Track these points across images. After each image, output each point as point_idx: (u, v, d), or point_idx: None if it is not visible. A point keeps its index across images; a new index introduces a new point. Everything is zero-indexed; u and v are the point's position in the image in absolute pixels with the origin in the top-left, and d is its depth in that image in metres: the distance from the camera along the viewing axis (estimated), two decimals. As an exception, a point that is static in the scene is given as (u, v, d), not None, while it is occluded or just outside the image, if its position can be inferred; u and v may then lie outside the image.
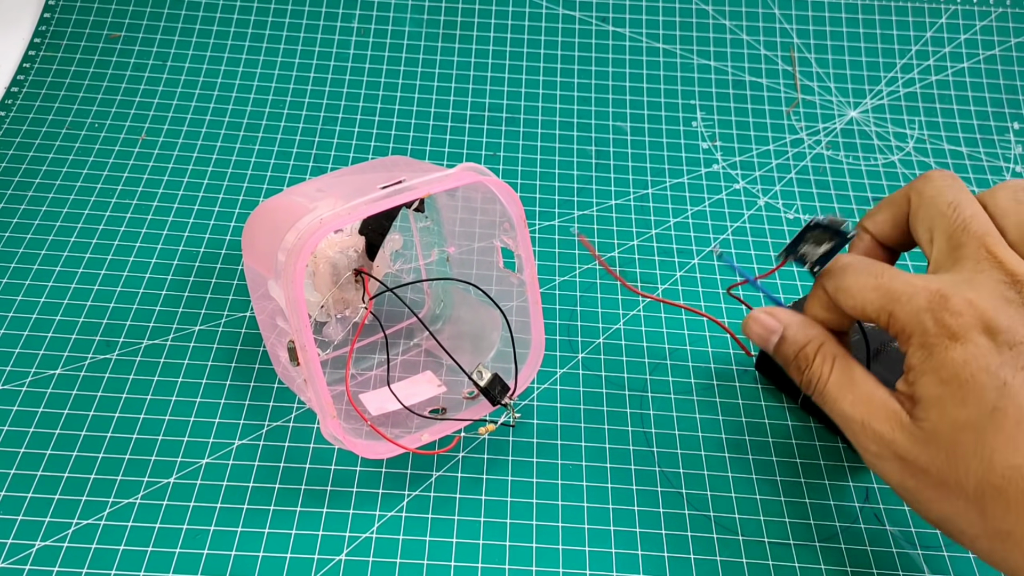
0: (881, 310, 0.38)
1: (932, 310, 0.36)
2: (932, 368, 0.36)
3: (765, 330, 0.44)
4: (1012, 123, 0.72)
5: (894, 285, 0.38)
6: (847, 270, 0.40)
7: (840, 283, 0.40)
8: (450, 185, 0.44)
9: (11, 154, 0.64)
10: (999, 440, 0.34)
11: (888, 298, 0.38)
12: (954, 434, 0.35)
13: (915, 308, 0.37)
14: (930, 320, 0.36)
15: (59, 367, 0.52)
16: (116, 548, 0.45)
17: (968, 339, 0.35)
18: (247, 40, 0.73)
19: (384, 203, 0.42)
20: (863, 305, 0.39)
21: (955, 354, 0.35)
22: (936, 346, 0.36)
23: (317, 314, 0.49)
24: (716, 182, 0.67)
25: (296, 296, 0.41)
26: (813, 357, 0.41)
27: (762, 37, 0.76)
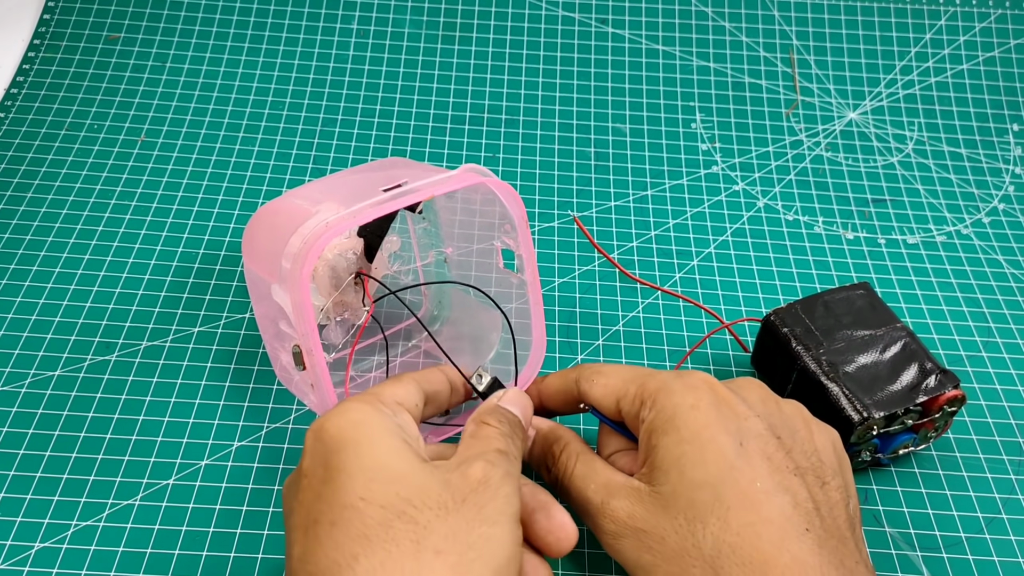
0: (632, 385, 0.40)
1: (680, 377, 0.39)
2: (675, 428, 0.37)
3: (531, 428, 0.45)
4: (1011, 124, 0.72)
5: (648, 370, 0.42)
6: (606, 364, 0.44)
7: (599, 368, 0.43)
8: (453, 187, 0.44)
9: (10, 155, 0.64)
10: (734, 496, 0.35)
11: (641, 377, 0.40)
12: (692, 493, 0.35)
13: (665, 379, 0.39)
14: (677, 384, 0.38)
15: (58, 368, 0.52)
16: (115, 550, 0.45)
17: (705, 405, 0.38)
18: (246, 41, 0.73)
19: (388, 206, 0.42)
20: (616, 384, 0.41)
21: (698, 416, 0.37)
22: (679, 406, 0.38)
23: (317, 317, 0.49)
24: (715, 183, 0.67)
25: (303, 301, 0.41)
26: (559, 455, 0.42)
27: (761, 39, 0.76)
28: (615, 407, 0.41)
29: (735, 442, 0.36)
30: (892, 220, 0.65)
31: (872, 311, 0.51)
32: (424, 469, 0.35)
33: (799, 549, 0.34)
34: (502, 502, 0.34)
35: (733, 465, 0.36)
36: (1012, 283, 0.62)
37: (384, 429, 0.36)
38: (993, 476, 0.51)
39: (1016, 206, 0.67)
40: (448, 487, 0.34)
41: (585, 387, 0.43)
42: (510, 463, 0.37)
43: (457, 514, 0.33)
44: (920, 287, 0.61)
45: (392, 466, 0.34)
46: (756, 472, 0.35)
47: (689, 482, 0.36)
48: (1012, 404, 0.55)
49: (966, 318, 0.59)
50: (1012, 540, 0.48)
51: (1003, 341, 0.58)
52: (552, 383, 0.45)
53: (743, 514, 0.34)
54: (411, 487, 0.34)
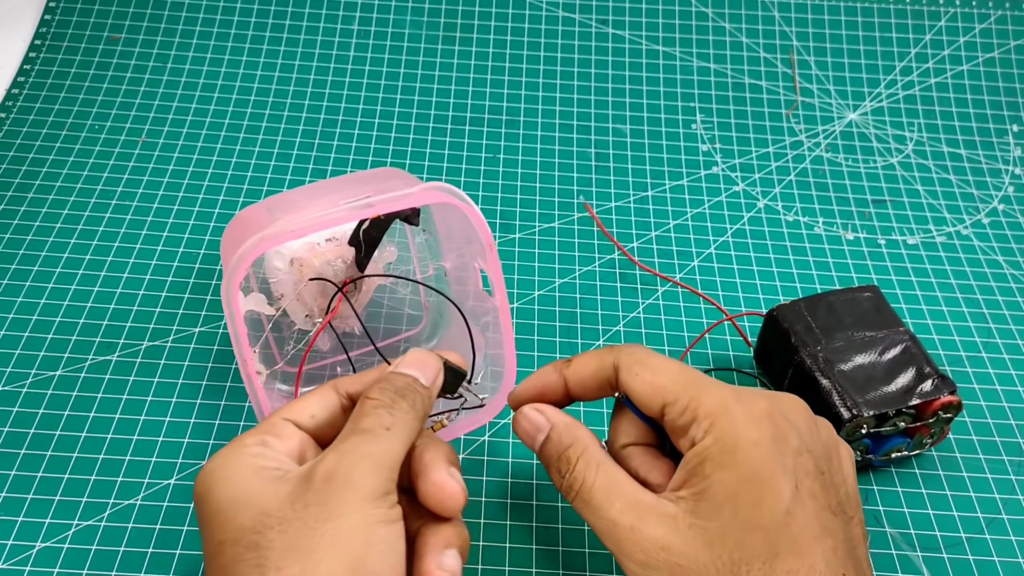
0: (683, 392, 0.37)
1: (741, 403, 0.36)
2: (735, 463, 0.35)
3: (532, 427, 0.41)
4: (1011, 125, 0.72)
5: (700, 375, 0.38)
6: (651, 352, 0.40)
7: (645, 359, 0.39)
8: (411, 204, 0.43)
9: (11, 155, 0.64)
10: (784, 542, 0.34)
11: (694, 383, 0.37)
12: (744, 535, 0.34)
13: (724, 398, 0.36)
14: (740, 412, 0.36)
15: (59, 368, 0.52)
16: (116, 549, 0.45)
17: (767, 441, 0.35)
18: (247, 42, 0.73)
19: (337, 220, 0.41)
20: (664, 383, 0.38)
21: (759, 453, 0.35)
22: (742, 440, 0.35)
23: (301, 323, 0.49)
24: (716, 184, 0.67)
25: (234, 312, 0.40)
26: (575, 461, 0.38)
27: (761, 40, 0.76)
28: (657, 410, 0.38)
29: (791, 484, 0.35)
30: (892, 221, 0.65)
31: (876, 313, 0.51)
32: (269, 488, 0.34)
33: None
34: (351, 491, 0.33)
35: (788, 510, 0.34)
36: (1012, 284, 0.62)
37: (235, 467, 0.35)
38: (993, 476, 0.51)
39: (1016, 207, 0.67)
40: (290, 496, 0.33)
41: (626, 378, 0.39)
42: (373, 440, 0.35)
43: (298, 521, 0.33)
44: (920, 288, 0.61)
45: (239, 500, 0.34)
46: (806, 516, 0.34)
47: (743, 523, 0.34)
48: (1012, 405, 0.55)
49: (966, 319, 0.59)
50: (1012, 540, 0.48)
51: (1003, 342, 0.58)
52: (585, 366, 0.41)
53: (789, 560, 0.34)
54: (254, 514, 0.33)
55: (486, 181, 0.66)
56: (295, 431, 0.38)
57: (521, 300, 0.58)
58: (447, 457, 0.38)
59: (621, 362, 0.39)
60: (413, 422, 0.37)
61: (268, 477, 0.35)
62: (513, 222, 0.63)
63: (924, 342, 0.57)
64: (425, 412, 0.38)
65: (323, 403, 0.40)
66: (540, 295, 0.59)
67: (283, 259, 0.47)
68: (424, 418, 0.38)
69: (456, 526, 0.38)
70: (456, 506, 0.37)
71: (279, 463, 0.36)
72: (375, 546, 0.33)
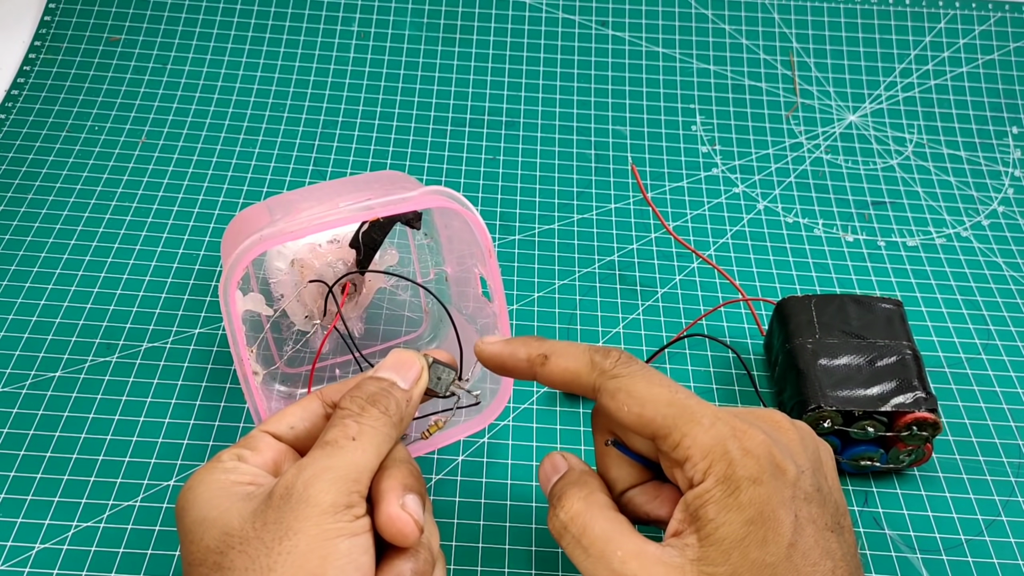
0: (674, 427, 0.35)
1: (737, 439, 0.34)
2: (738, 506, 0.33)
3: (552, 469, 0.39)
4: (1011, 127, 0.72)
5: (691, 403, 0.35)
6: (636, 375, 0.37)
7: (630, 387, 0.36)
8: (410, 207, 0.43)
9: (11, 156, 0.64)
10: (788, 573, 0.33)
11: (685, 416, 0.35)
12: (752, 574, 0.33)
13: (719, 434, 0.34)
14: (737, 450, 0.34)
15: (59, 370, 0.52)
16: (116, 551, 0.45)
17: (767, 478, 0.34)
18: (247, 43, 0.73)
19: (337, 222, 0.41)
20: (652, 416, 0.35)
21: (760, 491, 0.33)
22: (742, 481, 0.34)
23: (301, 324, 0.49)
24: (715, 186, 0.67)
25: (231, 311, 0.40)
26: (575, 500, 0.37)
27: (761, 42, 0.76)
28: (648, 441, 0.36)
29: (791, 515, 0.34)
30: (892, 223, 0.65)
31: (888, 324, 0.52)
32: (235, 507, 0.34)
33: None
34: (307, 506, 0.33)
35: (791, 543, 0.33)
36: (1011, 285, 0.62)
37: (207, 484, 0.35)
38: (992, 479, 0.51)
39: (1016, 208, 0.67)
40: (253, 515, 0.33)
41: (608, 403, 0.37)
42: (336, 453, 0.35)
43: (257, 540, 0.32)
44: (920, 289, 0.61)
45: (207, 519, 0.34)
46: (807, 545, 0.34)
47: (751, 564, 0.33)
48: (1011, 406, 0.55)
49: (966, 320, 0.59)
50: (1012, 542, 0.48)
51: (1002, 343, 0.58)
52: (561, 376, 0.38)
53: None
54: (218, 534, 0.33)
55: (485, 183, 0.66)
56: (272, 443, 0.38)
57: (520, 302, 0.58)
58: (404, 484, 0.36)
59: (605, 388, 0.37)
60: (384, 428, 0.36)
61: (237, 495, 0.34)
62: (512, 224, 0.63)
63: (923, 344, 0.57)
64: (403, 416, 0.38)
65: (304, 413, 0.39)
66: (539, 296, 0.59)
67: (284, 260, 0.47)
68: (402, 422, 0.38)
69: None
70: (407, 541, 0.35)
71: (252, 477, 0.36)
72: (334, 562, 0.32)
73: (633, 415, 0.36)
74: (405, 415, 0.38)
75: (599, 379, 0.37)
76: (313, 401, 0.40)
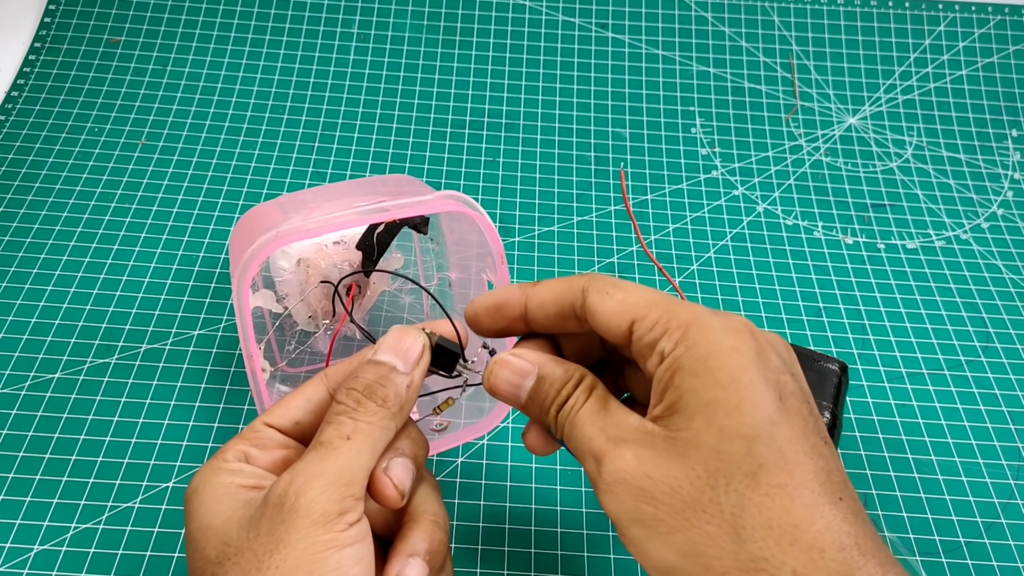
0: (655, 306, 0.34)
1: (717, 315, 0.34)
2: (707, 370, 0.32)
3: (517, 375, 0.37)
4: (1010, 130, 0.72)
5: (673, 297, 0.35)
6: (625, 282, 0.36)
7: (618, 283, 0.36)
8: (425, 211, 0.43)
9: (11, 158, 0.64)
10: (769, 453, 0.31)
11: (667, 303, 0.34)
12: (720, 443, 0.31)
13: (699, 309, 0.34)
14: (715, 321, 0.33)
15: (58, 371, 0.52)
16: (115, 552, 0.45)
17: (747, 350, 0.32)
18: (247, 45, 0.73)
19: (352, 222, 0.41)
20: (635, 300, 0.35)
21: (739, 359, 0.32)
22: (717, 346, 0.32)
23: (304, 324, 0.49)
24: (715, 188, 0.67)
25: (243, 307, 0.40)
26: (572, 391, 0.35)
27: (761, 44, 0.77)
28: (625, 330, 0.35)
29: (775, 395, 0.32)
30: (891, 225, 0.65)
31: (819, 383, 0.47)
32: (234, 515, 0.33)
33: (833, 517, 0.31)
34: (297, 517, 0.32)
35: (772, 419, 0.31)
36: (1011, 288, 0.62)
37: (212, 487, 0.34)
38: (992, 481, 0.51)
39: (1015, 211, 0.67)
40: (249, 523, 0.32)
41: (594, 299, 0.36)
42: (329, 455, 0.33)
43: (250, 552, 0.32)
44: (919, 292, 0.61)
45: (209, 527, 0.33)
46: (794, 431, 0.31)
47: (718, 431, 0.31)
48: (1011, 409, 0.55)
49: (965, 323, 0.59)
50: (1011, 545, 0.48)
51: (1002, 346, 0.58)
52: (548, 289, 0.37)
53: (776, 474, 0.31)
54: (217, 543, 0.32)
55: (485, 185, 0.66)
56: (278, 439, 0.37)
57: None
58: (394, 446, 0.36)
59: (591, 284, 0.36)
60: (382, 423, 0.35)
61: (239, 501, 0.34)
62: (512, 226, 0.63)
63: (922, 346, 0.57)
64: (402, 404, 0.36)
65: (309, 405, 0.38)
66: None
67: (289, 259, 0.47)
68: (403, 411, 0.36)
69: (425, 529, 0.36)
70: (386, 503, 0.35)
71: (256, 481, 0.35)
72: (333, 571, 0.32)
73: (616, 301, 0.35)
74: (405, 402, 0.36)
75: (589, 279, 0.37)
76: (319, 389, 0.38)
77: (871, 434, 0.53)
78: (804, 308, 0.60)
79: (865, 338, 0.58)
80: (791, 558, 0.30)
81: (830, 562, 0.30)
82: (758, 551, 0.30)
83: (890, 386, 0.56)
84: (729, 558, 0.30)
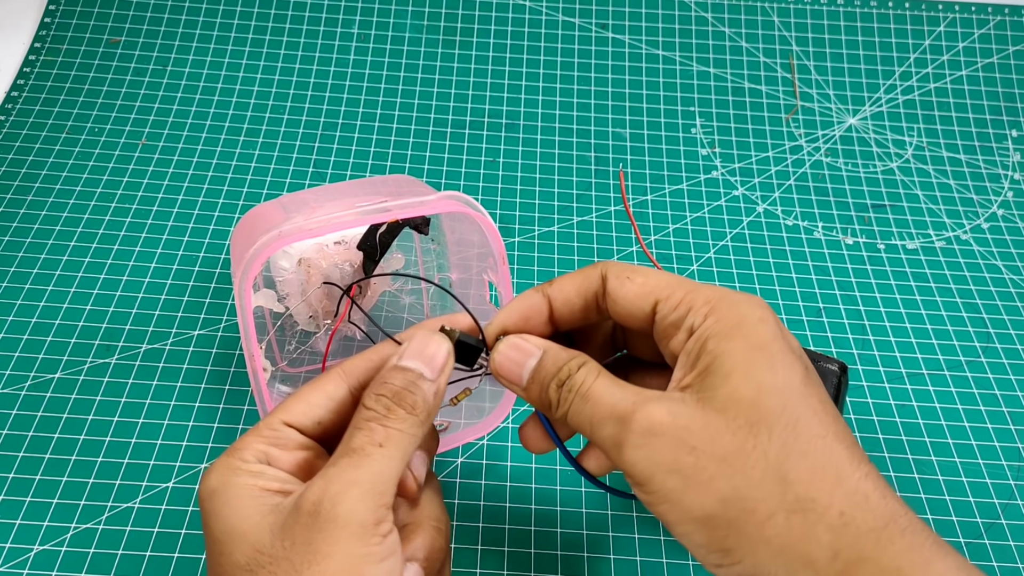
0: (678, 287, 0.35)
1: (740, 294, 0.35)
2: (742, 335, 0.33)
3: (521, 353, 0.37)
4: (1010, 130, 0.72)
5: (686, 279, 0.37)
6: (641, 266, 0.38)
7: (636, 267, 0.37)
8: (427, 211, 0.43)
9: (10, 158, 0.64)
10: (805, 410, 0.32)
11: (689, 284, 0.36)
12: (759, 396, 0.32)
13: (722, 289, 0.35)
14: (740, 297, 0.34)
15: (58, 371, 0.52)
16: (114, 552, 0.45)
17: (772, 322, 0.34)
18: (247, 46, 0.73)
19: (354, 222, 0.41)
20: (656, 283, 0.36)
21: (768, 329, 0.33)
22: (747, 317, 0.33)
23: (304, 324, 0.49)
24: (715, 188, 0.67)
25: (245, 306, 0.40)
26: (577, 369, 0.36)
27: (761, 44, 0.76)
28: (648, 311, 0.36)
29: (801, 365, 0.33)
30: (891, 225, 0.65)
31: None
32: (263, 521, 0.32)
33: (871, 470, 0.32)
34: (336, 528, 0.31)
35: (804, 381, 0.32)
36: (1011, 288, 0.62)
37: (235, 489, 0.33)
38: (992, 481, 0.51)
39: (1015, 212, 0.67)
40: (282, 531, 0.32)
41: (615, 285, 0.36)
42: (363, 463, 0.33)
43: (286, 562, 0.31)
44: (919, 292, 0.61)
45: (236, 531, 0.32)
46: (821, 395, 0.33)
47: (756, 386, 0.32)
48: (1011, 409, 0.55)
49: (965, 323, 0.59)
50: (1011, 546, 0.48)
51: (1002, 346, 0.58)
52: (570, 281, 0.38)
53: (815, 427, 0.32)
54: (249, 550, 0.32)
55: (485, 185, 0.66)
56: (299, 440, 0.36)
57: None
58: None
59: (610, 271, 0.37)
60: (411, 430, 0.35)
61: (267, 506, 0.33)
62: (512, 226, 0.63)
63: (922, 346, 0.57)
64: (430, 411, 0.36)
65: (331, 403, 0.37)
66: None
67: (290, 259, 0.47)
68: (429, 417, 0.36)
69: (427, 535, 0.36)
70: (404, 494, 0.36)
71: (280, 484, 0.34)
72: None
73: (638, 284, 0.36)
74: (432, 409, 0.36)
75: (606, 266, 0.37)
76: (339, 387, 0.37)
77: (871, 434, 0.53)
78: (804, 308, 0.60)
79: (865, 338, 0.58)
80: (838, 500, 0.30)
81: (875, 506, 0.31)
82: (805, 492, 0.31)
83: (890, 386, 0.56)
84: (775, 500, 0.31)
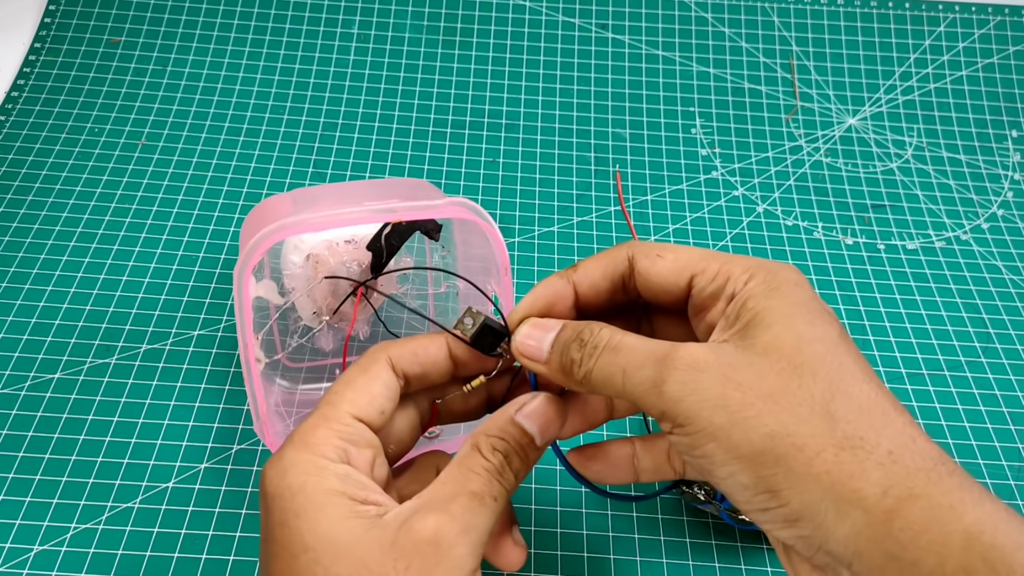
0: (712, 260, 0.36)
1: (775, 262, 0.36)
2: (783, 295, 0.33)
3: (541, 330, 0.37)
4: (1010, 131, 0.72)
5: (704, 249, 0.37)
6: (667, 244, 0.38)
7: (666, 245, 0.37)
8: (433, 215, 0.43)
9: (10, 159, 0.64)
10: (847, 360, 0.32)
11: (722, 257, 0.36)
12: (802, 343, 0.32)
13: (757, 259, 0.36)
14: (776, 265, 0.35)
15: (58, 371, 0.52)
16: (114, 552, 0.45)
17: (808, 287, 0.35)
18: (247, 46, 0.73)
19: (359, 220, 0.41)
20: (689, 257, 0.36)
21: (805, 292, 0.34)
22: (786, 281, 0.34)
23: (308, 319, 0.49)
24: (715, 189, 0.67)
25: (243, 297, 0.40)
26: (600, 329, 0.35)
27: (761, 45, 0.77)
28: (683, 286, 0.36)
29: (836, 326, 0.33)
30: (891, 226, 0.65)
31: None
32: (368, 536, 0.32)
33: (912, 419, 0.32)
34: (452, 567, 0.31)
35: (843, 336, 0.33)
36: (1011, 289, 0.62)
37: (324, 492, 0.33)
38: (992, 481, 0.51)
39: (1015, 212, 0.67)
40: (392, 550, 0.31)
41: (645, 264, 0.37)
42: (480, 511, 0.33)
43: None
44: (919, 292, 0.61)
45: (337, 543, 0.32)
46: (856, 355, 0.33)
47: (798, 335, 0.32)
48: (1011, 410, 0.55)
49: (965, 324, 0.59)
50: (1011, 545, 0.48)
51: (1002, 347, 0.58)
52: (595, 264, 0.38)
53: (858, 372, 0.32)
54: (355, 566, 0.31)
55: (485, 185, 0.66)
56: (369, 437, 0.36)
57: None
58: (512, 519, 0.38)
59: (637, 251, 0.37)
60: (511, 490, 0.35)
61: (364, 519, 0.32)
62: (512, 226, 0.63)
63: (922, 347, 0.57)
64: (525, 476, 0.36)
65: (388, 392, 0.37)
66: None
67: (300, 253, 0.47)
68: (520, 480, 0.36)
69: None
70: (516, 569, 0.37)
71: (367, 494, 0.33)
72: None
73: (669, 260, 0.36)
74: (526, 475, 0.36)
75: (632, 247, 0.37)
76: (388, 373, 0.37)
77: (871, 434, 0.53)
78: (804, 308, 0.59)
79: (865, 338, 0.58)
80: (885, 439, 0.30)
81: (922, 448, 0.31)
82: (853, 431, 0.31)
83: (890, 386, 0.56)
84: (823, 436, 0.31)
